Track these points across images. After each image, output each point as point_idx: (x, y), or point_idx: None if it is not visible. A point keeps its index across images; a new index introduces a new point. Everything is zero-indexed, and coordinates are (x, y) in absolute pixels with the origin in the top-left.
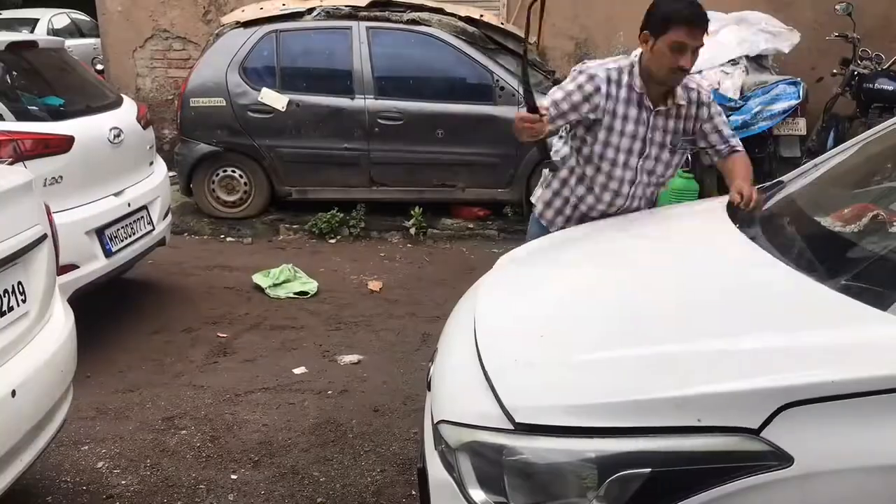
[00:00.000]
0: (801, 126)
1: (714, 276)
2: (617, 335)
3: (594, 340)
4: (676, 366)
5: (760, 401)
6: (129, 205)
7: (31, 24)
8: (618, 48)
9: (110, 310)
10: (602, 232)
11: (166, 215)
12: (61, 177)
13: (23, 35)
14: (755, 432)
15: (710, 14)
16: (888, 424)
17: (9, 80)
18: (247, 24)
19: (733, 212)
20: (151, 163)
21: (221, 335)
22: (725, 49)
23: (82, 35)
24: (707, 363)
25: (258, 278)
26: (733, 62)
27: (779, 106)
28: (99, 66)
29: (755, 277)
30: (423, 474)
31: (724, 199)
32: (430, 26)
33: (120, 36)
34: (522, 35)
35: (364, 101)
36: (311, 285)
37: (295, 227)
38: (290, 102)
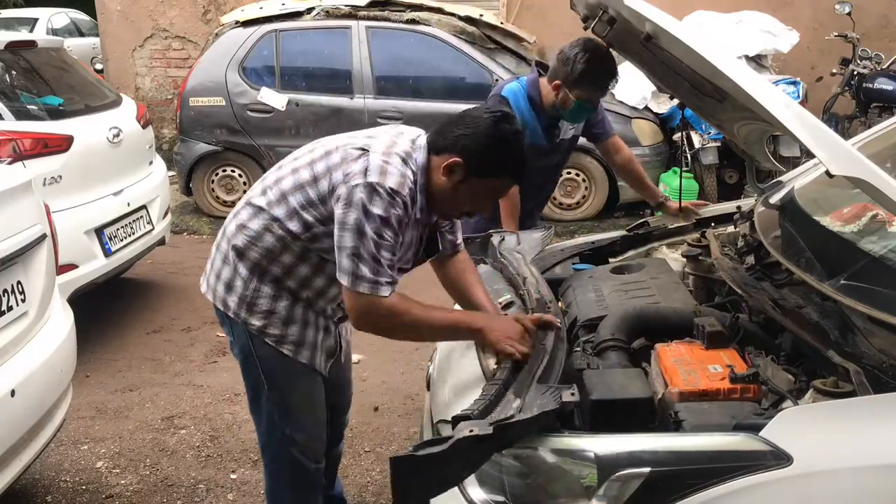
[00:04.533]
0: None
1: None
2: None
3: None
4: None
5: None
6: (128, 204)
7: (31, 23)
8: None
9: (109, 309)
10: None
11: (166, 215)
12: (60, 176)
13: (22, 34)
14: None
15: (710, 14)
16: (887, 424)
17: (8, 80)
18: (246, 24)
19: None
20: (151, 162)
21: (221, 335)
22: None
23: (81, 34)
24: None
25: None
26: None
27: None
28: (98, 66)
29: None
30: None
31: None
32: (429, 26)
33: (119, 35)
34: (522, 35)
35: (363, 101)
36: None
37: None
38: (289, 102)
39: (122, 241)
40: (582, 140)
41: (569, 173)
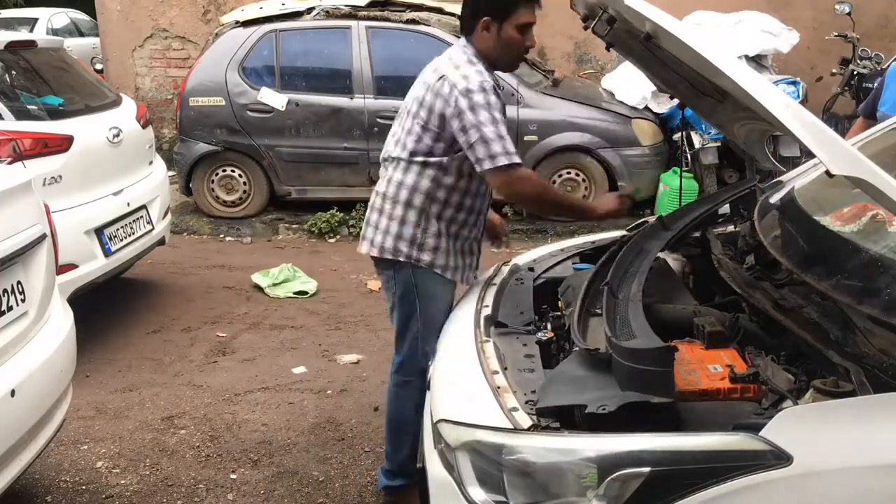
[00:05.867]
0: None
1: None
2: None
3: None
4: None
5: None
6: (128, 204)
7: (31, 23)
8: None
9: (109, 309)
10: None
11: (165, 215)
12: (60, 176)
13: (22, 34)
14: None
15: (710, 14)
16: (887, 424)
17: (8, 80)
18: (246, 24)
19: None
20: (151, 162)
21: (221, 335)
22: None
23: (81, 34)
24: None
25: (257, 278)
26: None
27: None
28: (98, 66)
29: None
30: (422, 473)
31: None
32: (429, 26)
33: (119, 35)
34: None
35: (363, 101)
36: (311, 285)
37: (294, 226)
38: (289, 102)
39: (122, 241)
40: (582, 139)
41: (569, 173)
